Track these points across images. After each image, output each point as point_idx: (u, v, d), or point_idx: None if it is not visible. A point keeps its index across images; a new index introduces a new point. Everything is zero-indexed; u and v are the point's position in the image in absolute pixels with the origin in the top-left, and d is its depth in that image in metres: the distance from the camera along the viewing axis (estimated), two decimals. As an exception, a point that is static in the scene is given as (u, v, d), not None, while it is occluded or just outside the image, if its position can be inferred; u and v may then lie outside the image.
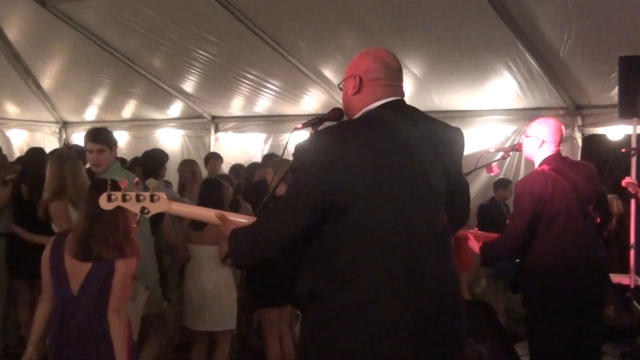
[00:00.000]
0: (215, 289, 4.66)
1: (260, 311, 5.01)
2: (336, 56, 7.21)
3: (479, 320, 4.45)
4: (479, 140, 7.10)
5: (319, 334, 2.18)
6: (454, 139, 2.52)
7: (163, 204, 2.50)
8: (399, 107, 2.41)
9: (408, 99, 2.35)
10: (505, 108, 7.21)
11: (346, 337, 2.12)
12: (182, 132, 9.88)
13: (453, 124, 7.47)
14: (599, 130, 6.98)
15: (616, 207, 7.12)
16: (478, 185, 7.23)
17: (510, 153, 4.90)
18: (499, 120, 7.27)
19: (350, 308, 2.12)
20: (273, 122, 8.91)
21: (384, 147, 2.23)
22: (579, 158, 6.95)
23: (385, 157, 2.21)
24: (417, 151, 2.28)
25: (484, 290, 7.08)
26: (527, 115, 6.85)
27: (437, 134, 2.43)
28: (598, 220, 3.99)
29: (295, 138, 2.88)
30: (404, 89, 2.57)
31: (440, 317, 2.21)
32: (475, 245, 4.05)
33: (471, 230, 4.14)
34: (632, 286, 5.93)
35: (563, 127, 4.11)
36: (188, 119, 9.77)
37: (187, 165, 6.54)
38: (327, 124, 2.46)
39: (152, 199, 2.49)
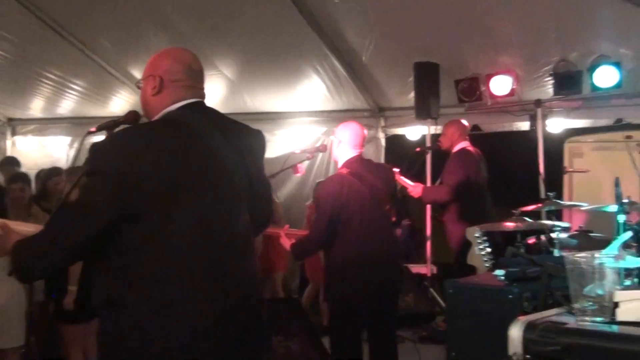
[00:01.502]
0: (5, 303, 4.35)
1: (62, 327, 4.74)
2: (145, 57, 6.99)
3: (289, 317, 4.60)
4: (291, 141, 7.34)
5: (120, 343, 2.13)
6: (255, 141, 2.57)
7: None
8: (200, 109, 2.41)
9: (220, 100, 2.39)
10: (315, 110, 7.50)
11: (148, 344, 2.10)
12: (-28, 135, 9.05)
13: (265, 125, 7.63)
14: (400, 131, 7.52)
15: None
16: (291, 185, 7.45)
17: (316, 154, 5.13)
18: (309, 121, 7.55)
19: (152, 314, 2.09)
20: (78, 124, 8.45)
21: (184, 149, 2.22)
22: (382, 157, 7.46)
23: (185, 159, 2.20)
24: (218, 153, 2.30)
25: (299, 288, 7.32)
26: (336, 116, 7.20)
27: (239, 136, 2.47)
28: (393, 218, 4.32)
29: (90, 142, 2.78)
30: (216, 90, 2.57)
31: (244, 317, 2.25)
32: (286, 243, 4.20)
33: (282, 229, 4.28)
34: (429, 275, 6.47)
35: (365, 130, 4.36)
36: (-21, 121, 8.98)
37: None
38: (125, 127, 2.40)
39: None
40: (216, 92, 7.03)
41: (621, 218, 3.39)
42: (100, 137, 2.38)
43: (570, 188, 7.41)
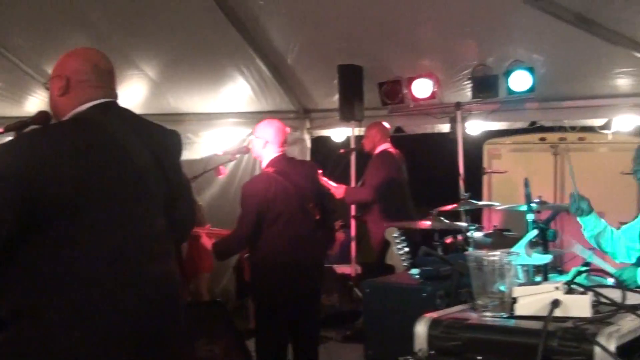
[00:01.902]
0: None
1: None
2: (63, 56, 6.83)
3: (213, 320, 4.58)
4: (216, 142, 7.29)
5: (31, 354, 2.07)
6: (171, 141, 2.55)
7: None
8: (112, 109, 2.36)
9: (142, 101, 2.36)
10: (241, 111, 7.47)
11: (61, 353, 2.06)
12: None
13: (190, 126, 7.54)
14: (325, 132, 7.59)
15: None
16: (216, 187, 7.39)
17: (238, 155, 5.14)
18: (234, 123, 7.51)
19: (62, 322, 2.04)
20: (-8, 124, 8.11)
21: (94, 150, 2.17)
22: (308, 158, 7.50)
23: (96, 161, 2.16)
24: (131, 153, 2.26)
25: (225, 291, 7.28)
26: (261, 118, 6.99)
27: (154, 136, 2.44)
28: (317, 216, 4.37)
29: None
30: (138, 91, 2.54)
31: (161, 321, 2.24)
32: (207, 242, 4.18)
33: (203, 228, 4.26)
34: (353, 275, 6.57)
35: (288, 129, 4.39)
36: None
37: None
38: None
39: None
40: (138, 93, 6.90)
41: (530, 217, 3.56)
42: (8, 138, 2.32)
43: (489, 188, 7.70)
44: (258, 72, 6.87)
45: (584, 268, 3.35)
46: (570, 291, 1.80)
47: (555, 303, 1.73)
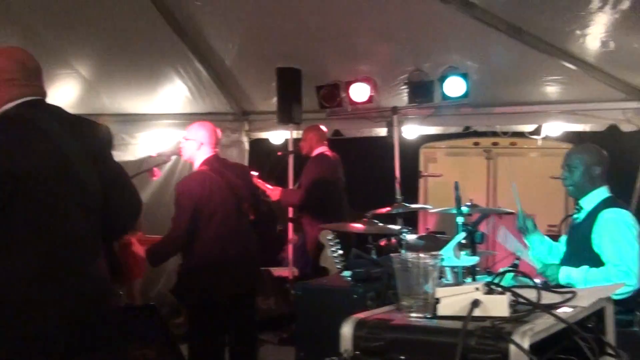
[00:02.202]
0: None
1: None
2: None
3: (146, 323, 4.52)
4: (153, 144, 7.19)
5: None
6: (100, 134, 2.55)
7: None
8: (40, 106, 2.37)
9: (75, 100, 2.32)
10: (178, 112, 7.40)
11: None
12: None
13: (125, 127, 7.40)
14: (263, 135, 7.61)
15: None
16: (151, 190, 7.28)
17: (173, 157, 5.09)
18: (171, 124, 7.42)
19: None
20: None
21: (24, 146, 2.17)
22: (246, 160, 7.50)
23: (27, 157, 2.16)
24: (64, 150, 2.27)
25: (160, 294, 7.19)
26: (199, 119, 7.01)
27: (84, 130, 2.44)
28: (252, 217, 4.39)
29: None
30: (71, 90, 2.55)
31: (90, 322, 2.24)
32: (140, 249, 4.12)
33: (135, 235, 4.20)
34: (290, 277, 6.59)
35: (219, 131, 4.40)
36: None
37: None
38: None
39: None
40: (71, 92, 6.73)
41: (459, 220, 3.66)
42: None
43: (425, 191, 7.86)
44: (195, 73, 6.82)
45: (510, 269, 3.49)
46: (490, 292, 1.86)
47: (475, 303, 1.79)
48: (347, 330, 1.86)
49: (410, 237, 4.36)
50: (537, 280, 3.63)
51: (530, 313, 1.81)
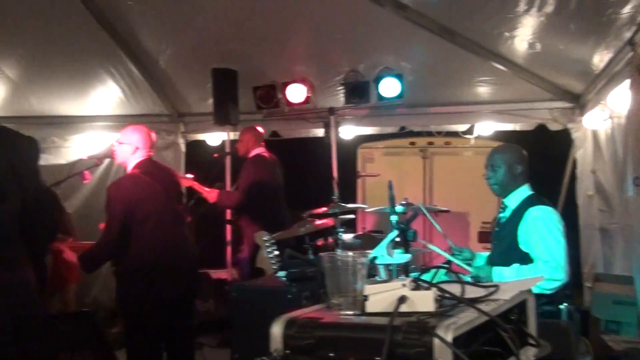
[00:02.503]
0: None
1: None
2: None
3: (80, 330, 4.44)
4: (85, 147, 7.04)
5: None
6: (27, 148, 2.49)
7: None
8: None
9: (2, 103, 2.24)
10: (111, 114, 7.27)
11: None
12: None
13: (56, 130, 7.20)
14: (200, 136, 7.56)
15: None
16: (84, 194, 7.13)
17: (105, 160, 5.01)
18: (104, 126, 7.30)
19: None
20: None
21: None
22: (182, 162, 7.44)
23: None
24: None
25: (96, 300, 7.06)
26: (133, 121, 6.92)
27: (8, 143, 2.38)
28: (189, 218, 4.37)
29: None
30: None
31: (17, 329, 2.20)
32: (72, 256, 4.05)
33: (65, 242, 4.13)
34: (229, 279, 6.57)
35: (154, 134, 4.36)
36: None
37: None
38: None
39: None
40: (-4, 93, 6.56)
41: (393, 218, 3.73)
42: None
43: (363, 191, 7.96)
44: (128, 74, 6.71)
45: (443, 265, 3.58)
46: (416, 288, 1.92)
47: (402, 299, 1.85)
48: (276, 329, 1.89)
49: (347, 237, 4.42)
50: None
51: (455, 307, 1.88)
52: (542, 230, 3.61)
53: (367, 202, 7.64)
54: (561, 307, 3.81)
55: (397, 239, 3.46)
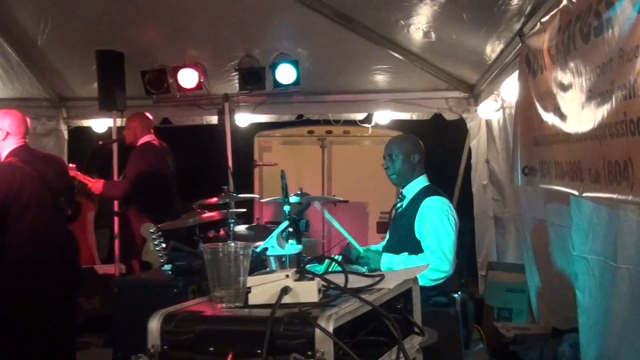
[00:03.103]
0: None
1: None
2: None
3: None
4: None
5: None
6: None
7: None
8: None
9: None
10: (-15, 97, 6.89)
11: None
12: None
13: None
14: (84, 123, 7.31)
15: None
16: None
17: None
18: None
19: None
20: None
21: None
22: (65, 150, 7.16)
23: None
24: None
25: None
26: (8, 105, 6.54)
27: None
28: (69, 212, 4.23)
29: None
30: None
31: None
32: None
33: None
34: (117, 275, 6.40)
35: (29, 119, 4.19)
36: None
37: None
38: None
39: None
40: None
41: (286, 208, 3.77)
42: None
43: (260, 181, 7.96)
44: (3, 54, 6.37)
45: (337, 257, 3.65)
46: (300, 278, 1.95)
47: (285, 290, 1.87)
48: (154, 325, 1.87)
49: (239, 228, 4.41)
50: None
51: (338, 297, 1.92)
52: (433, 221, 3.75)
53: (264, 192, 7.65)
54: (455, 295, 3.98)
55: (290, 230, 3.50)
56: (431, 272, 3.61)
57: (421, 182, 3.97)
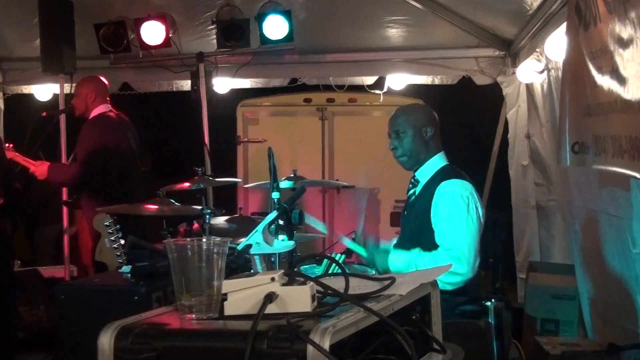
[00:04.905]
0: None
1: None
2: None
3: None
4: None
5: None
6: None
7: None
8: None
9: None
10: None
11: None
12: None
13: None
14: (24, 89, 7.33)
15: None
16: None
17: None
18: None
19: None
20: None
21: None
22: (1, 124, 7.15)
23: None
24: None
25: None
26: None
27: None
28: (1, 201, 4.23)
29: None
30: None
31: None
32: None
33: None
34: (67, 278, 6.42)
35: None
36: None
37: None
38: None
39: None
40: None
41: (275, 195, 3.74)
42: None
43: (245, 161, 7.96)
44: None
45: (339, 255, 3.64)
46: (290, 282, 1.94)
47: (269, 297, 1.86)
48: (105, 340, 1.86)
49: (218, 220, 4.41)
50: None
51: (336, 306, 1.91)
52: (449, 211, 3.68)
53: (249, 176, 7.65)
54: (487, 303, 3.94)
55: (280, 222, 3.48)
56: (447, 276, 3.52)
57: (437, 161, 3.90)
